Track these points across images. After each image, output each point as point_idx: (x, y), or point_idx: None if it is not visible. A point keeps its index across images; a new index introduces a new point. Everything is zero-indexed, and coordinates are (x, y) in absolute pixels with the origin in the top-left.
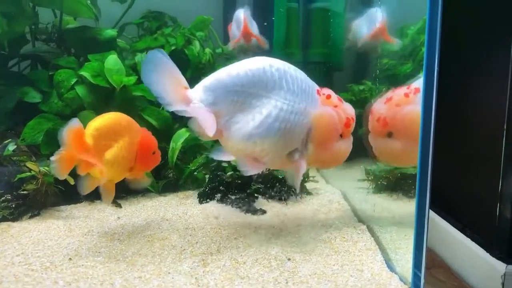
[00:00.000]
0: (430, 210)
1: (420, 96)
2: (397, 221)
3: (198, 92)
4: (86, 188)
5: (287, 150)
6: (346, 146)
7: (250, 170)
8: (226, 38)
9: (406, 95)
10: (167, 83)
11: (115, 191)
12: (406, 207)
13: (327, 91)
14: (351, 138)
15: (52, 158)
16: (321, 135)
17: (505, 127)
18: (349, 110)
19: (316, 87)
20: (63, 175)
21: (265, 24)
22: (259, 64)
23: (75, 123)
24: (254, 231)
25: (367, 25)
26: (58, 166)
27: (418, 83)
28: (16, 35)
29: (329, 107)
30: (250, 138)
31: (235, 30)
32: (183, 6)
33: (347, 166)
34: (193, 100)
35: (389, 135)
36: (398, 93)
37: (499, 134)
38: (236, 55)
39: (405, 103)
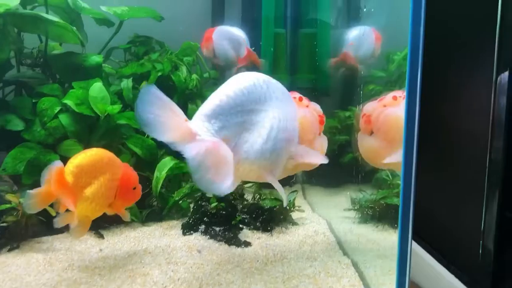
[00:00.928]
0: (416, 244)
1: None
2: (382, 254)
3: (200, 122)
4: (61, 222)
5: (287, 156)
6: (324, 141)
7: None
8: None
9: (394, 98)
10: (167, 121)
11: (90, 223)
12: (391, 238)
13: (296, 94)
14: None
15: (29, 192)
16: (306, 135)
17: (487, 165)
18: (318, 108)
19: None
20: (34, 211)
21: (253, 48)
22: (249, 79)
23: (57, 164)
24: (238, 265)
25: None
26: (33, 202)
27: None
28: (0, 62)
29: (305, 109)
30: (262, 155)
31: (229, 51)
32: (171, 29)
33: (333, 193)
34: (198, 132)
35: (371, 133)
36: (389, 95)
37: (482, 170)
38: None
39: (392, 105)
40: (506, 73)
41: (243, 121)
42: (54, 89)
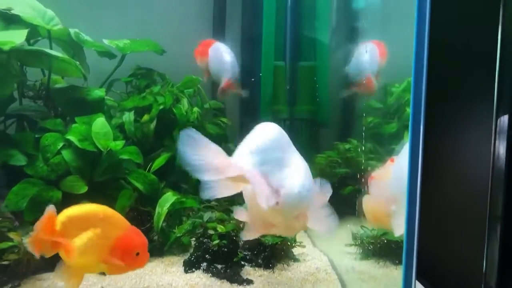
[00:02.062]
0: (420, 284)
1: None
2: None
3: (243, 157)
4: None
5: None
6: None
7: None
8: (214, 91)
9: (391, 160)
10: (211, 160)
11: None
12: (393, 274)
13: None
14: None
15: (24, 240)
16: None
17: (488, 208)
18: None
19: None
20: (37, 254)
21: (252, 79)
22: (275, 125)
23: (50, 209)
24: None
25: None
26: (30, 247)
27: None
28: (3, 97)
29: None
30: (300, 194)
31: (220, 72)
32: (173, 61)
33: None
34: (243, 167)
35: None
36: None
37: (484, 212)
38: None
39: (387, 166)
40: (506, 117)
41: (281, 159)
42: (57, 124)
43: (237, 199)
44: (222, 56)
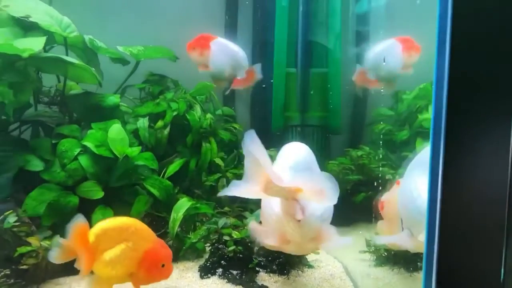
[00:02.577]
0: None
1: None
2: None
3: (283, 171)
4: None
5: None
6: None
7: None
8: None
9: (397, 182)
10: (258, 168)
11: None
12: (407, 281)
13: None
14: None
15: (54, 248)
16: None
17: (506, 217)
18: None
19: None
20: (57, 262)
21: (264, 86)
22: (305, 146)
23: (81, 220)
24: None
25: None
26: (57, 254)
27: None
28: (21, 104)
29: None
30: (321, 217)
31: (226, 67)
32: (182, 68)
33: (346, 232)
34: (284, 179)
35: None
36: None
37: (502, 220)
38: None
39: (394, 189)
40: None
41: (310, 178)
42: (73, 130)
43: (249, 205)
44: (230, 50)
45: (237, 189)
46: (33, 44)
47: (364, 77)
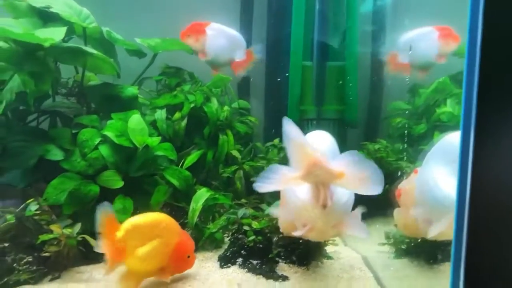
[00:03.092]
0: None
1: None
2: None
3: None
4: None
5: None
6: None
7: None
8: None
9: (415, 171)
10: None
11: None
12: (427, 274)
13: None
14: None
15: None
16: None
17: None
18: None
19: None
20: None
21: (279, 80)
22: (328, 134)
23: (106, 208)
24: None
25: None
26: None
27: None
28: (42, 93)
29: None
30: (346, 205)
31: (225, 51)
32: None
33: None
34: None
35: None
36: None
37: None
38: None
39: (411, 177)
40: None
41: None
42: (93, 120)
43: (266, 198)
44: (226, 33)
45: (275, 176)
46: (54, 34)
47: (395, 61)
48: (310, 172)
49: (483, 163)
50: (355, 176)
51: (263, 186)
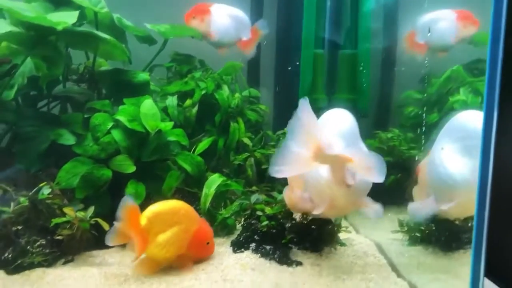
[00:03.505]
0: (490, 282)
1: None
2: (437, 277)
3: (335, 138)
4: (138, 268)
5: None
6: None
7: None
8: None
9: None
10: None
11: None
12: (443, 262)
13: None
14: None
15: (114, 226)
16: None
17: None
18: None
19: None
20: (113, 244)
21: (289, 68)
22: (349, 113)
23: (130, 202)
24: (295, 285)
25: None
26: (114, 236)
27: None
28: (54, 78)
29: None
30: (367, 183)
31: (230, 30)
32: (210, 48)
33: None
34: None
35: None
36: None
37: None
38: None
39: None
40: None
41: (356, 145)
42: (105, 105)
43: (276, 185)
44: (231, 12)
45: (289, 155)
46: (67, 18)
47: (413, 40)
48: (317, 155)
49: (505, 148)
50: (360, 164)
51: (280, 170)
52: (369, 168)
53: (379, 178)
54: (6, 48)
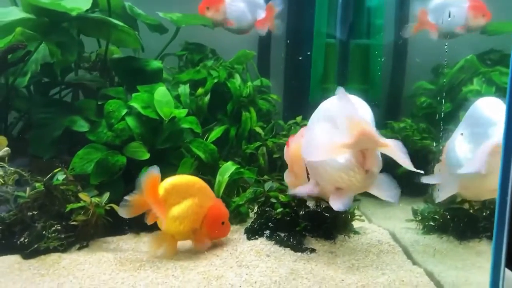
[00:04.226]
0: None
1: None
2: (453, 265)
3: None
4: (154, 243)
5: None
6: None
7: None
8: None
9: None
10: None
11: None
12: (458, 250)
13: None
14: None
15: (126, 198)
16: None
17: None
18: None
19: None
20: (128, 216)
21: (300, 58)
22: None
23: (153, 172)
24: (311, 272)
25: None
26: (129, 208)
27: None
28: (68, 64)
29: None
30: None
31: (246, 14)
32: (219, 38)
33: (385, 204)
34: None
35: None
36: None
37: None
38: None
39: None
40: None
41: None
42: (119, 92)
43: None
44: None
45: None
46: (81, 3)
47: (424, 18)
48: (360, 141)
49: None
50: (398, 149)
51: (312, 153)
52: (401, 156)
53: (409, 164)
54: (21, 33)
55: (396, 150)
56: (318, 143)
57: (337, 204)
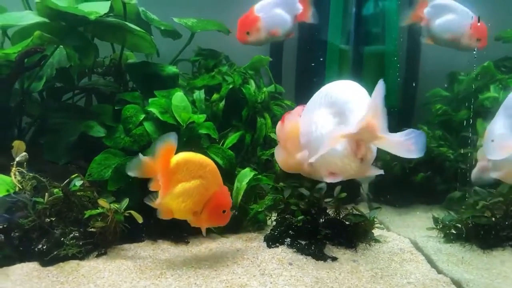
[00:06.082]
0: None
1: None
2: (480, 274)
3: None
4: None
5: None
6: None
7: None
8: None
9: None
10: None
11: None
12: (482, 259)
13: None
14: None
15: (139, 156)
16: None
17: None
18: None
19: None
20: (133, 175)
21: (312, 64)
22: None
23: (172, 138)
24: (335, 280)
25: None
26: (138, 167)
27: None
28: (85, 68)
29: None
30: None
31: (286, 16)
32: (231, 44)
33: (402, 212)
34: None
35: None
36: None
37: None
38: None
39: None
40: None
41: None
42: (135, 97)
43: (303, 181)
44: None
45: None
46: (99, 8)
47: (421, 9)
48: (362, 133)
49: None
50: (395, 140)
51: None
52: (407, 145)
53: (419, 153)
54: (39, 37)
55: (392, 145)
56: (319, 137)
57: (329, 180)
